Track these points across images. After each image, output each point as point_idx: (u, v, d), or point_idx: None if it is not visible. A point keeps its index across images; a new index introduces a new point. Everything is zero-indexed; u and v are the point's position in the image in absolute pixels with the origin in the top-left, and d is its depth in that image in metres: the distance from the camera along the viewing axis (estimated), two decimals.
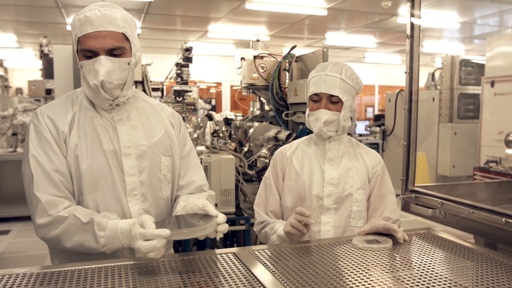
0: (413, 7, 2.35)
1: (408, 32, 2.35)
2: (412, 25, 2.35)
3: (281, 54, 4.20)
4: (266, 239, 1.90)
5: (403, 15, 7.24)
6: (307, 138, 2.04)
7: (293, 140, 3.58)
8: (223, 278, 1.28)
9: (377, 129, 9.06)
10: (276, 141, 3.72)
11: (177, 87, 4.62)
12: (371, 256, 1.48)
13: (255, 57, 4.09)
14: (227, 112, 9.94)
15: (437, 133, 7.65)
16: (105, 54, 1.48)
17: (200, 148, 4.27)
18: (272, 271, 1.34)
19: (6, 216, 6.19)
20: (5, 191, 6.35)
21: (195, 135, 4.45)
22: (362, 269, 1.36)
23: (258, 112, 4.46)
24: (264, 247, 1.61)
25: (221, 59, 12.51)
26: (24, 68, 12.72)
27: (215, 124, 4.53)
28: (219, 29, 8.68)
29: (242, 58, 4.12)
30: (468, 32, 8.97)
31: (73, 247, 1.47)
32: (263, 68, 4.06)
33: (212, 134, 4.19)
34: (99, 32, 1.47)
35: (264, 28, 8.70)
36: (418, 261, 1.45)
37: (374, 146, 9.96)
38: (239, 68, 4.21)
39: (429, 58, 11.66)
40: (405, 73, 2.40)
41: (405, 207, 2.36)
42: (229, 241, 4.27)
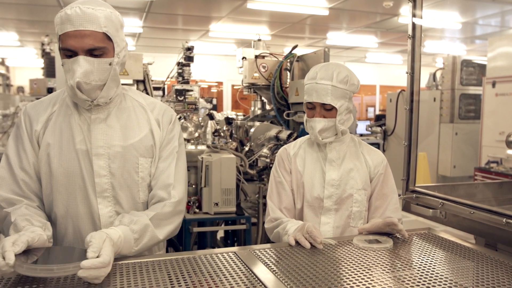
0: (414, 7, 2.35)
1: (410, 32, 2.35)
2: (414, 25, 2.35)
3: (283, 53, 4.20)
4: (279, 239, 1.85)
5: (405, 15, 7.23)
6: (309, 137, 2.04)
7: (294, 139, 3.59)
8: (223, 277, 1.28)
9: (378, 129, 9.05)
10: (277, 140, 3.73)
11: (179, 86, 4.62)
12: (371, 256, 1.48)
13: (256, 57, 4.09)
14: (228, 111, 9.95)
15: (438, 133, 7.64)
16: (84, 54, 1.43)
17: (201, 148, 4.27)
18: (273, 270, 1.34)
19: None
20: None
21: (196, 134, 4.45)
22: (362, 268, 1.36)
23: (259, 112, 4.46)
24: (265, 246, 1.61)
25: (222, 58, 12.51)
26: (26, 67, 12.73)
27: (216, 124, 4.53)
28: (221, 28, 8.68)
29: (244, 58, 4.12)
30: (469, 33, 8.96)
31: None
32: (264, 67, 4.06)
33: (213, 133, 4.19)
34: (78, 32, 1.42)
35: (265, 27, 8.70)
36: (419, 261, 1.45)
37: (375, 146, 9.93)
38: (241, 68, 4.21)
39: (431, 58, 11.64)
40: (407, 73, 2.40)
41: (406, 207, 2.36)
42: (230, 240, 4.27)
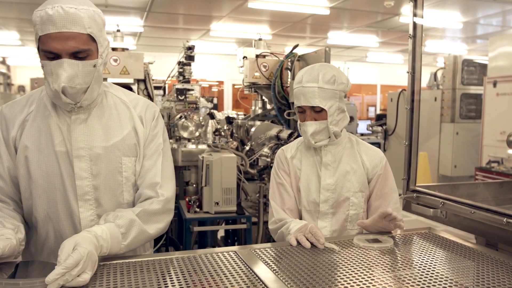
0: (415, 6, 2.35)
1: (411, 31, 2.35)
2: (415, 24, 2.35)
3: (283, 53, 4.20)
4: (283, 239, 1.81)
5: (406, 14, 7.22)
6: None
7: (294, 139, 3.59)
8: (224, 277, 1.28)
9: (379, 128, 9.05)
10: (278, 140, 3.73)
11: (179, 86, 4.62)
12: (372, 255, 1.48)
13: (257, 56, 4.09)
14: (229, 110, 9.95)
15: (439, 133, 7.64)
16: (68, 57, 1.36)
17: (202, 147, 4.27)
18: (274, 270, 1.34)
19: None
20: None
21: (196, 134, 4.45)
22: (363, 268, 1.36)
23: (260, 111, 4.46)
24: (265, 245, 1.61)
25: (223, 57, 12.51)
26: (27, 66, 12.72)
27: (217, 123, 4.53)
28: (222, 27, 8.67)
29: (244, 57, 4.12)
30: (470, 32, 8.94)
31: None
32: (265, 67, 4.06)
33: (214, 132, 4.19)
34: (61, 33, 1.34)
35: (266, 27, 8.69)
36: (419, 260, 1.45)
37: (376, 146, 9.94)
38: (241, 67, 4.21)
39: (432, 58, 11.63)
40: (407, 72, 2.39)
41: (407, 207, 2.36)
42: (230, 239, 4.27)
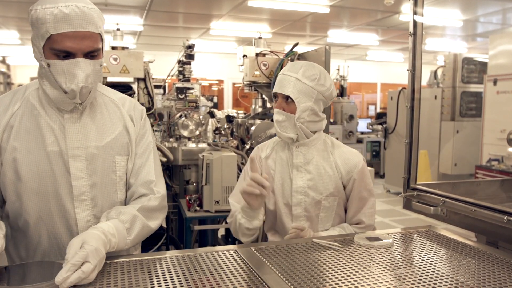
0: (416, 4, 2.34)
1: (411, 29, 2.35)
2: (415, 22, 2.34)
3: (283, 51, 4.19)
4: (236, 228, 1.81)
5: (406, 12, 7.22)
6: None
7: None
8: (224, 275, 1.28)
9: (379, 127, 9.06)
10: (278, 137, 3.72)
11: (179, 85, 4.62)
12: (372, 253, 1.48)
13: (257, 55, 4.08)
14: (229, 109, 9.94)
15: (439, 131, 7.64)
16: (83, 56, 1.37)
17: (202, 146, 4.27)
18: (274, 268, 1.34)
19: None
20: None
21: (197, 133, 4.45)
22: (363, 266, 1.36)
23: (260, 110, 4.46)
24: (265, 244, 1.61)
25: (223, 56, 12.50)
26: (27, 65, 12.70)
27: (217, 122, 4.54)
28: (221, 26, 8.67)
29: (244, 56, 4.11)
30: (470, 30, 8.94)
31: None
32: (265, 65, 4.05)
33: (214, 131, 4.19)
34: (77, 32, 1.33)
35: (266, 25, 8.68)
36: (420, 259, 1.45)
37: (376, 144, 9.96)
38: (241, 66, 4.20)
39: (432, 56, 11.62)
40: (408, 70, 2.39)
41: (407, 205, 2.36)
42: (231, 238, 4.27)
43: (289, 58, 3.98)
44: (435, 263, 1.40)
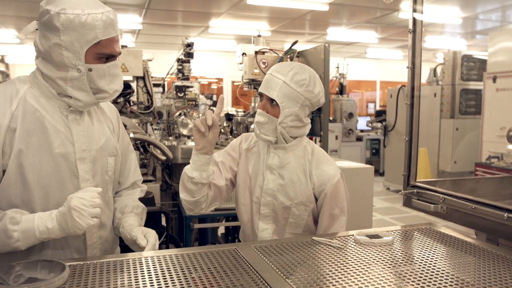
0: (415, 2, 2.33)
1: (410, 26, 2.34)
2: (414, 20, 2.34)
3: (283, 49, 4.18)
4: (182, 179, 1.79)
5: (405, 10, 7.21)
6: None
7: None
8: (224, 274, 1.28)
9: (379, 124, 9.06)
10: None
11: (179, 83, 4.61)
12: (372, 251, 1.48)
13: (256, 53, 4.07)
14: (228, 107, 9.93)
15: (439, 128, 7.64)
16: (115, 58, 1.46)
17: None
18: (274, 266, 1.34)
19: None
20: None
21: None
22: (363, 264, 1.36)
23: None
24: (265, 242, 1.61)
25: (222, 54, 12.49)
26: (25, 64, 12.68)
27: None
28: (220, 24, 8.66)
29: (244, 54, 4.10)
30: (470, 27, 8.93)
31: None
32: (264, 63, 4.04)
33: None
34: (117, 37, 1.43)
35: (265, 23, 8.67)
36: (420, 256, 1.44)
37: (376, 142, 9.97)
38: (240, 64, 4.19)
39: (431, 53, 11.62)
40: (407, 68, 2.38)
41: (407, 203, 2.35)
42: (231, 236, 4.27)
43: (289, 56, 3.97)
44: (435, 260, 1.40)
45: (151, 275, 1.25)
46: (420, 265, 1.35)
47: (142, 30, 9.13)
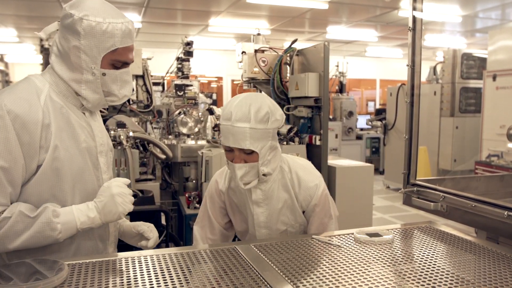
0: (415, 0, 2.33)
1: (410, 25, 2.33)
2: (414, 18, 2.33)
3: (282, 48, 4.18)
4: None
5: (405, 8, 7.21)
6: None
7: (294, 134, 3.58)
8: (223, 273, 1.27)
9: (379, 123, 9.06)
10: (277, 135, 3.72)
11: (178, 81, 4.61)
12: (372, 249, 1.48)
13: (256, 51, 4.07)
14: None
15: (439, 127, 7.64)
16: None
17: (201, 142, 4.26)
18: (274, 265, 1.34)
19: None
20: None
21: (196, 129, 4.44)
22: (363, 262, 1.35)
23: None
24: (265, 241, 1.61)
25: (222, 53, 12.48)
26: (25, 63, 12.69)
27: (216, 119, 4.53)
28: (220, 23, 8.65)
29: (243, 52, 4.10)
30: (470, 26, 8.92)
31: (19, 246, 1.36)
32: (264, 62, 4.04)
33: (213, 128, 4.19)
34: (132, 46, 1.52)
35: (265, 22, 8.66)
36: (420, 254, 1.44)
37: (375, 141, 9.97)
38: (240, 62, 4.19)
39: (431, 52, 11.60)
40: (407, 66, 2.38)
41: (407, 201, 2.35)
42: None
43: (288, 55, 3.97)
44: (435, 259, 1.40)
45: (150, 274, 1.25)
46: (420, 264, 1.35)
47: (142, 28, 9.12)
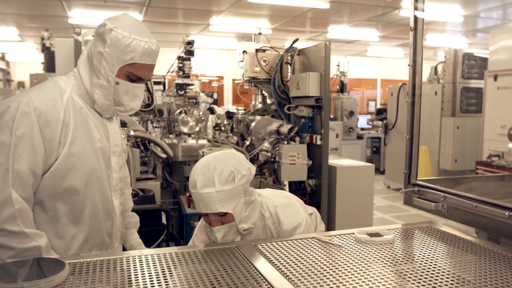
0: (416, 0, 2.33)
1: (412, 24, 2.33)
2: (416, 18, 2.33)
3: (283, 47, 4.18)
4: None
5: (406, 8, 7.20)
6: None
7: (295, 133, 3.58)
8: (224, 272, 1.27)
9: (379, 123, 9.04)
10: (278, 134, 3.72)
11: (179, 81, 4.61)
12: (372, 249, 1.48)
13: (257, 51, 4.07)
14: (229, 105, 9.93)
15: (440, 127, 7.63)
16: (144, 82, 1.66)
17: (202, 142, 4.26)
18: (274, 264, 1.34)
19: None
20: None
21: (197, 129, 4.44)
22: (364, 262, 1.35)
23: (260, 106, 4.45)
24: (266, 240, 1.61)
25: (223, 52, 12.48)
26: (26, 62, 12.70)
27: (217, 118, 4.52)
28: (221, 22, 8.64)
29: (244, 52, 4.10)
30: (471, 26, 8.91)
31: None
32: (265, 61, 4.04)
33: (214, 127, 4.18)
34: (152, 65, 1.62)
35: (266, 21, 8.66)
36: (420, 255, 1.44)
37: (376, 140, 9.96)
38: (241, 62, 4.19)
39: (432, 51, 11.60)
40: (408, 65, 2.38)
41: (407, 201, 2.35)
42: None
43: (289, 54, 3.97)
44: (436, 259, 1.40)
45: (151, 273, 1.25)
46: (420, 264, 1.35)
47: None
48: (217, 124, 4.13)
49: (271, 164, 3.64)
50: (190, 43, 4.87)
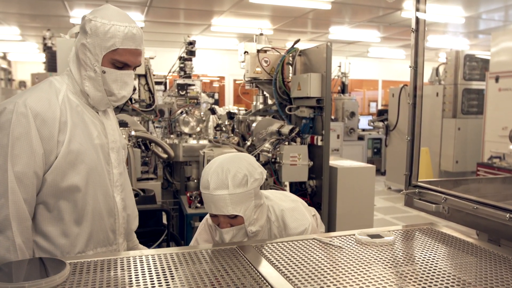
0: (418, 1, 2.32)
1: (413, 26, 2.33)
2: (417, 19, 2.33)
3: (285, 48, 4.18)
4: None
5: (408, 9, 7.20)
6: None
7: (296, 134, 3.58)
8: (225, 272, 1.27)
9: (380, 124, 9.04)
10: (279, 135, 3.72)
11: (180, 81, 4.61)
12: (373, 250, 1.48)
13: (258, 51, 4.07)
14: (230, 106, 9.92)
15: (441, 128, 7.63)
16: (132, 69, 1.64)
17: (203, 142, 4.26)
18: (275, 266, 1.34)
19: None
20: None
21: (198, 129, 4.44)
22: (364, 263, 1.35)
23: (261, 106, 4.45)
24: (266, 241, 1.60)
25: (224, 53, 12.48)
26: (27, 61, 12.72)
27: (218, 118, 4.53)
28: (223, 22, 8.65)
29: (246, 52, 4.10)
30: (473, 27, 8.91)
31: None
32: (266, 62, 4.04)
33: (215, 128, 4.18)
34: (136, 50, 1.59)
35: (267, 22, 8.67)
36: (421, 256, 1.44)
37: (377, 141, 9.95)
38: (242, 62, 4.19)
39: (433, 53, 11.59)
40: (410, 67, 2.38)
41: (408, 202, 2.35)
42: None
43: (291, 55, 3.97)
44: (437, 260, 1.40)
45: (151, 273, 1.25)
46: (421, 265, 1.35)
47: (144, 28, 9.13)
48: (218, 125, 4.13)
49: (272, 164, 3.64)
50: (192, 43, 4.88)
